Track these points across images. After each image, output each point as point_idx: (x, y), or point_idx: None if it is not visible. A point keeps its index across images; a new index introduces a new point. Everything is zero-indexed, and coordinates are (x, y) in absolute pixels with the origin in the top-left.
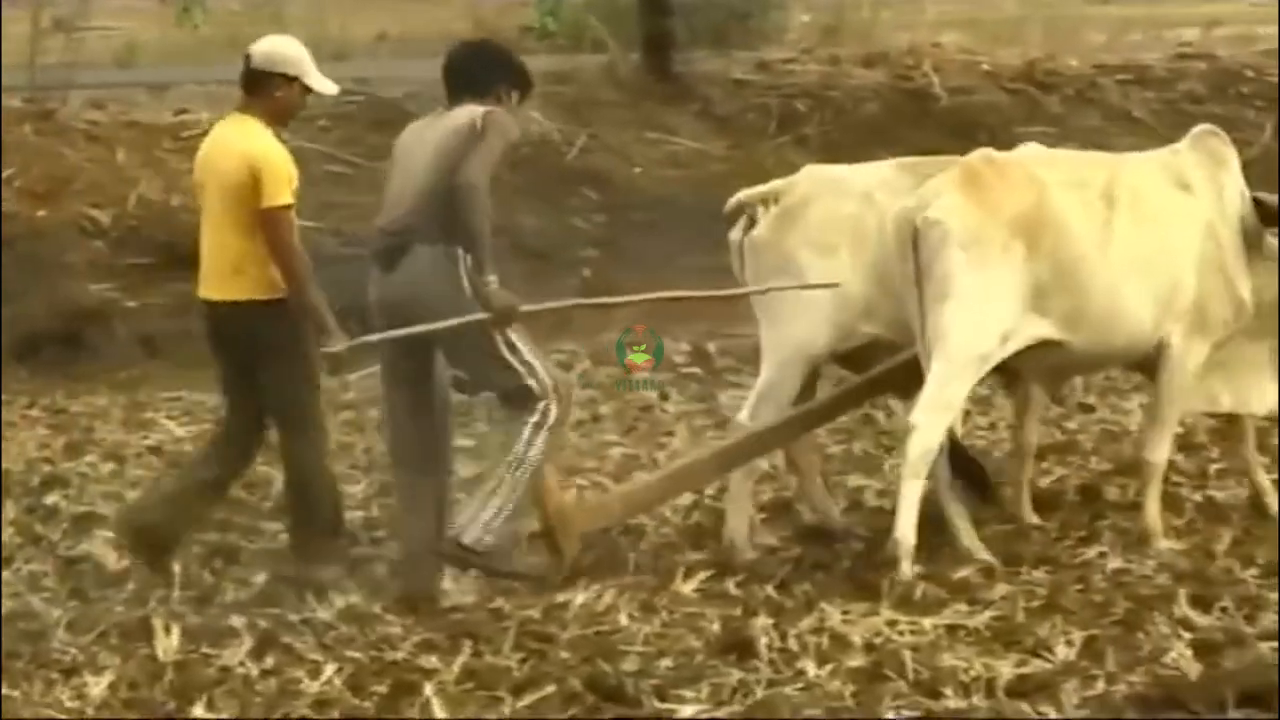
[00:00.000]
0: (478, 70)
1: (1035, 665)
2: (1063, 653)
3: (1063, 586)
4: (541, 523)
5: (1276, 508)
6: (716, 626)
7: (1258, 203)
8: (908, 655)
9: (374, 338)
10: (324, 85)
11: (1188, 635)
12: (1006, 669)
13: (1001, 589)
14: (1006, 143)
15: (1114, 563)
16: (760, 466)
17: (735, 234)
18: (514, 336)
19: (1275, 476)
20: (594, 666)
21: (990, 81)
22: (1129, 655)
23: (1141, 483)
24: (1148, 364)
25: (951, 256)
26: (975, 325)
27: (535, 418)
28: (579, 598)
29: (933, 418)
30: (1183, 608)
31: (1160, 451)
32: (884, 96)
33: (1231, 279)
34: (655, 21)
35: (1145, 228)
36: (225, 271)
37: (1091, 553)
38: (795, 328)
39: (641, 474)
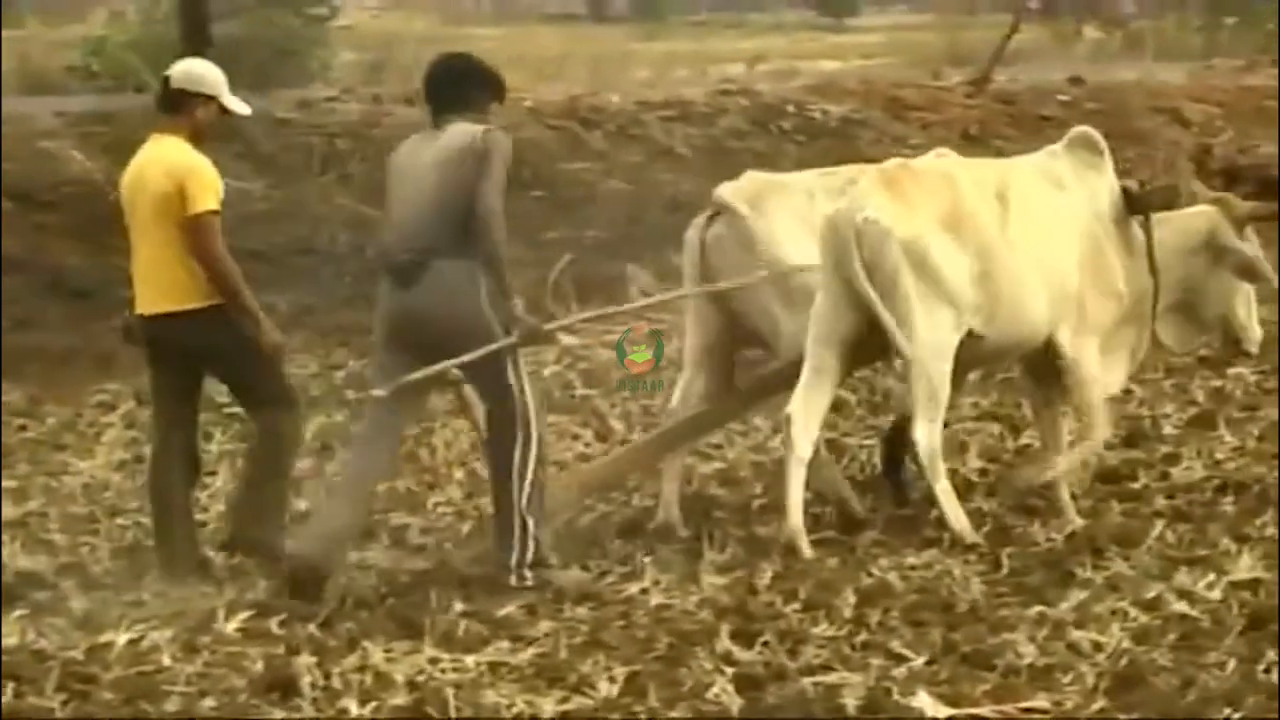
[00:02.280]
0: (464, 84)
1: (578, 702)
2: (605, 689)
3: (605, 623)
4: None
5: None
6: (259, 665)
7: (1126, 192)
8: (450, 693)
9: (416, 376)
10: (239, 106)
11: (730, 670)
12: (549, 706)
13: (545, 625)
14: (549, 179)
15: (656, 599)
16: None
17: (692, 233)
18: (520, 362)
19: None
20: (136, 707)
21: (533, 118)
22: (671, 691)
23: (1082, 464)
24: (1036, 363)
25: (893, 253)
26: (933, 318)
27: (520, 444)
28: (121, 638)
29: (929, 423)
30: (725, 642)
31: (1100, 433)
32: None
33: (1110, 274)
34: None
35: (1034, 227)
36: (161, 284)
37: (634, 589)
38: (795, 319)
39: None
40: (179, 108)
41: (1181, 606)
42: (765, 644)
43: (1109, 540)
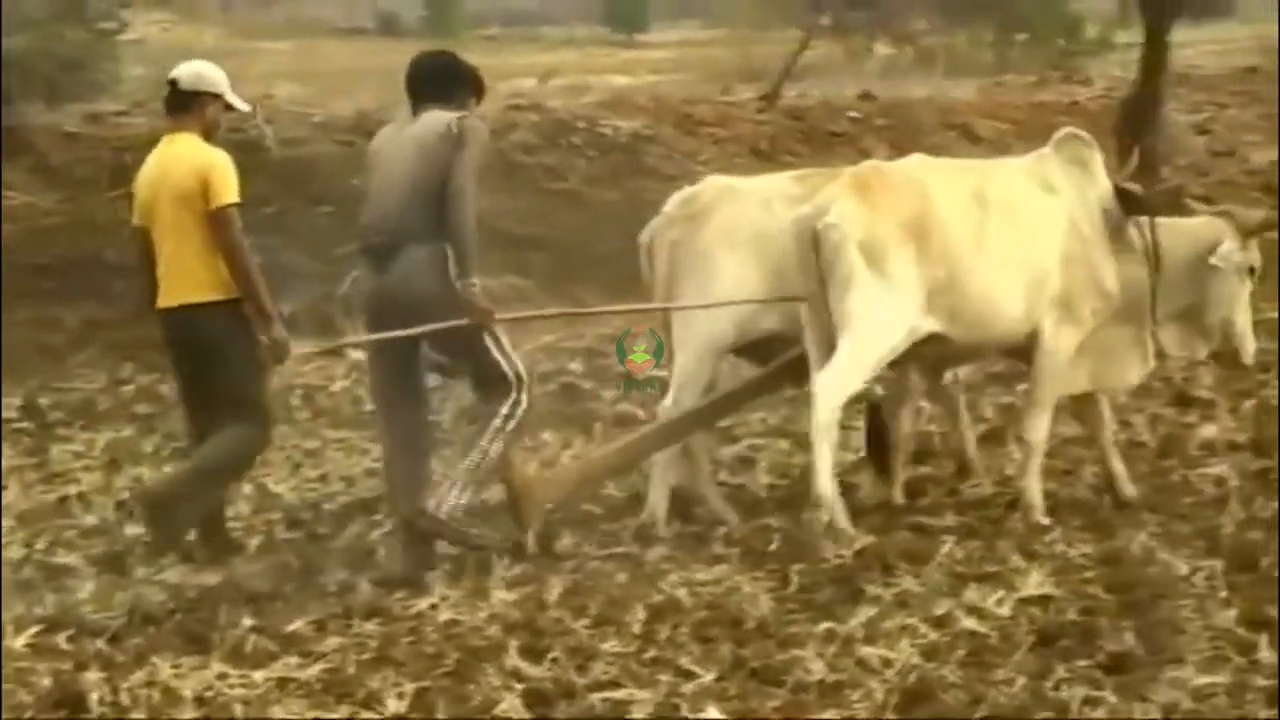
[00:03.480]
0: (444, 79)
1: (365, 718)
2: (394, 705)
3: (394, 638)
4: (507, 495)
5: (1129, 492)
6: (48, 681)
7: (1127, 194)
8: (239, 708)
9: (369, 338)
10: (240, 103)
11: (519, 686)
12: None
13: (333, 641)
14: (339, 194)
15: (445, 614)
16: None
17: (644, 236)
18: (498, 329)
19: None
20: None
21: (322, 133)
22: (460, 707)
23: (1021, 460)
24: (1023, 352)
25: (851, 257)
26: (878, 320)
27: (507, 405)
28: None
29: (833, 390)
30: (513, 658)
31: (1038, 432)
32: None
33: (1097, 271)
34: None
35: (1014, 227)
36: (182, 277)
37: (423, 604)
38: (706, 323)
39: (593, 449)
40: (189, 108)
41: (971, 623)
42: (554, 660)
43: (898, 557)
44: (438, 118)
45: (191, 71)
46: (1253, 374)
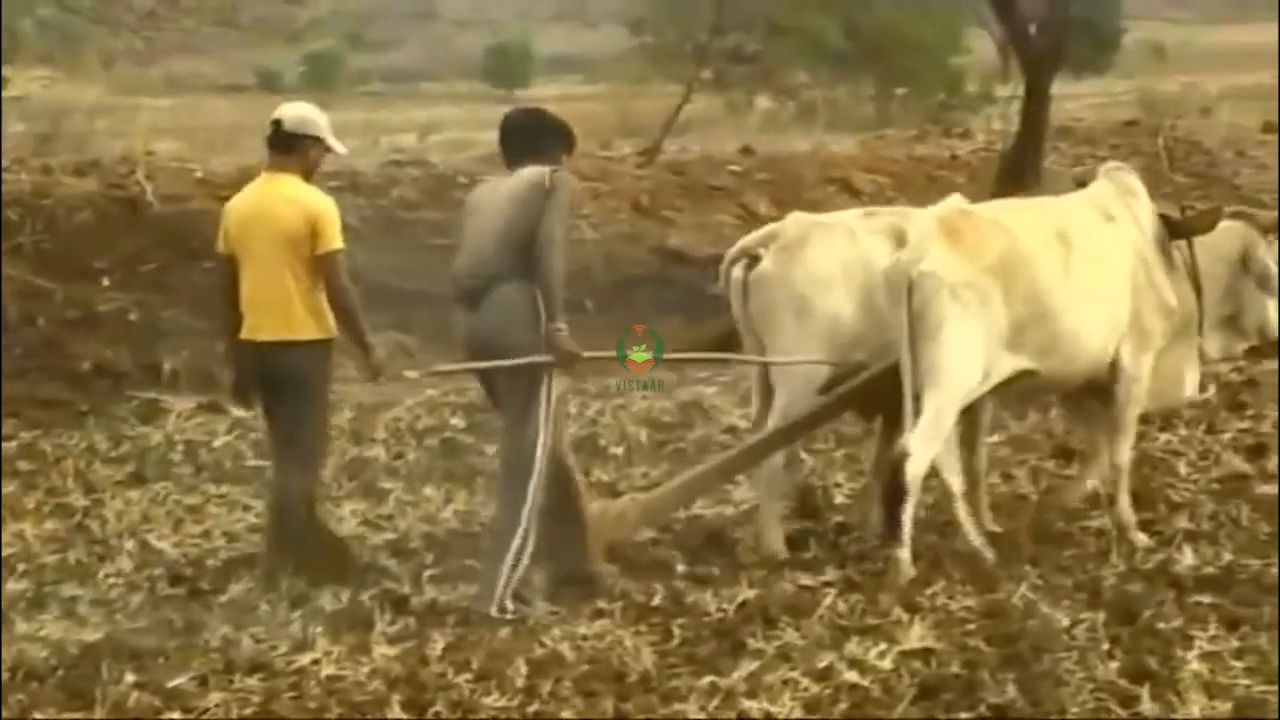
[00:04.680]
0: (538, 136)
1: None
2: None
3: (277, 693)
4: None
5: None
6: None
7: (1166, 219)
8: None
9: (444, 369)
10: (340, 147)
11: None
12: None
13: (216, 696)
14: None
15: (328, 669)
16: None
17: (737, 272)
18: (553, 394)
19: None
20: None
21: (203, 189)
22: None
23: (1112, 484)
24: (1099, 383)
25: (944, 303)
26: (964, 364)
27: (529, 496)
28: None
29: (925, 445)
30: (396, 712)
31: (1125, 455)
32: (96, 205)
33: (1161, 292)
34: None
35: (1093, 261)
36: (275, 314)
37: (305, 659)
38: (808, 371)
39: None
40: (291, 149)
41: (853, 676)
42: (436, 715)
43: (781, 610)
44: (532, 170)
45: (296, 114)
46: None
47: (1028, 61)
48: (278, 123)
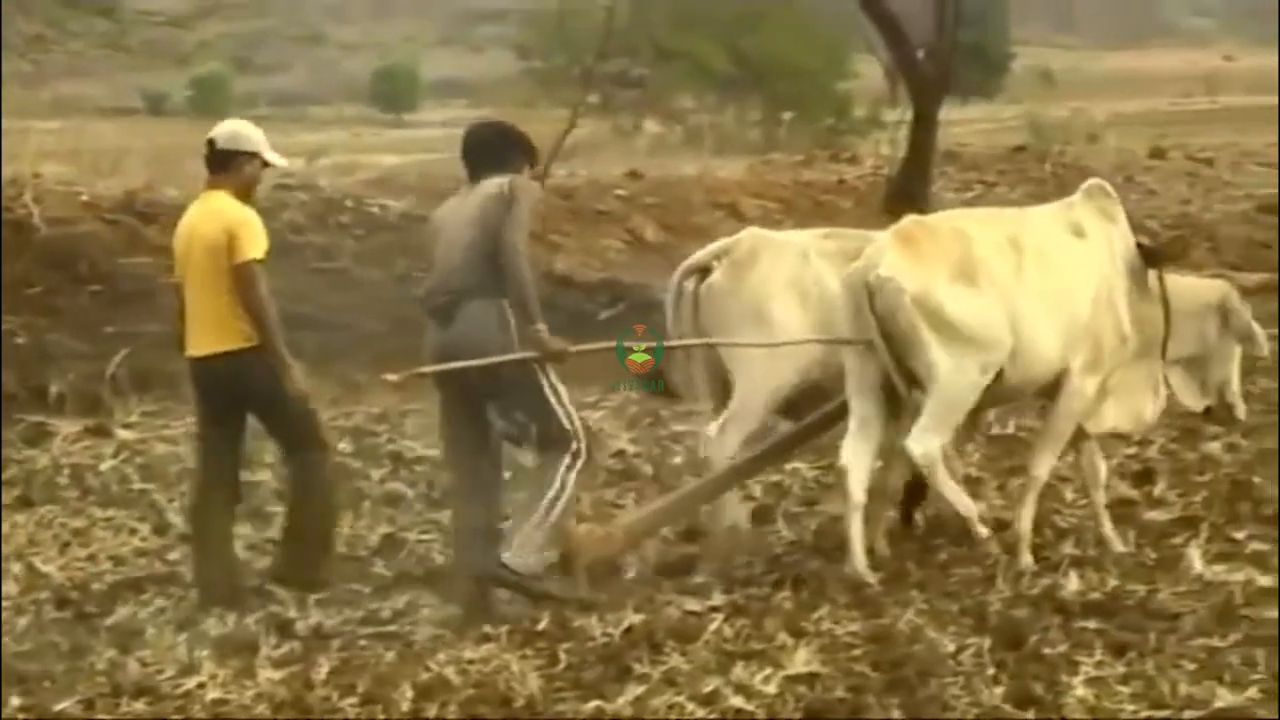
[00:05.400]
0: (499, 148)
1: None
2: None
3: (162, 716)
4: (560, 550)
5: (1118, 547)
6: None
7: (1141, 247)
8: None
9: (426, 369)
10: (279, 160)
11: None
12: None
13: None
14: (107, 273)
15: (213, 693)
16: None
17: (689, 285)
18: (557, 383)
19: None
20: None
21: (90, 212)
22: None
23: (1020, 493)
24: (1048, 392)
25: (905, 306)
26: (956, 361)
27: (568, 459)
28: None
29: (926, 435)
30: None
31: (1043, 467)
32: None
33: (1119, 315)
34: None
35: (1049, 269)
36: (212, 327)
37: (191, 683)
38: (769, 375)
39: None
40: (225, 166)
41: (738, 701)
42: None
43: (667, 635)
44: (492, 182)
45: (227, 131)
46: (1019, 451)
47: (915, 86)
48: (211, 141)
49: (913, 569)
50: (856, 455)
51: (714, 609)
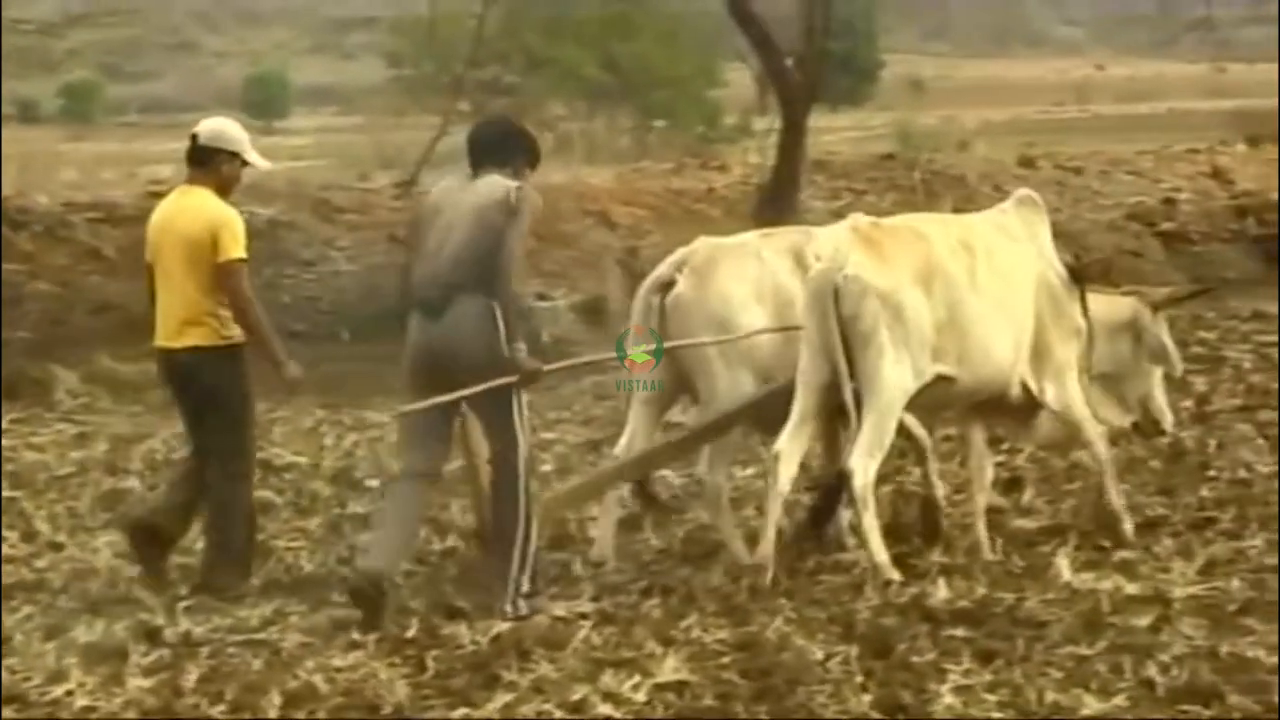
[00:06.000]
0: (504, 145)
1: None
2: None
3: None
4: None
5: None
6: None
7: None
8: None
9: (422, 405)
10: (260, 161)
11: None
12: None
13: None
14: None
15: (81, 700)
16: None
17: (654, 299)
18: (524, 402)
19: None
20: None
21: None
22: None
23: (1101, 478)
24: (1007, 407)
25: (872, 307)
26: (899, 366)
27: (523, 484)
28: None
29: (868, 460)
30: None
31: (1103, 448)
32: None
33: (1068, 314)
34: None
35: (997, 274)
36: (184, 321)
37: (59, 690)
38: (732, 386)
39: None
40: (205, 163)
41: (606, 709)
42: None
43: (535, 642)
44: (496, 182)
45: (211, 128)
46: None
47: (784, 95)
48: (194, 137)
49: (781, 577)
50: (791, 446)
51: (582, 616)
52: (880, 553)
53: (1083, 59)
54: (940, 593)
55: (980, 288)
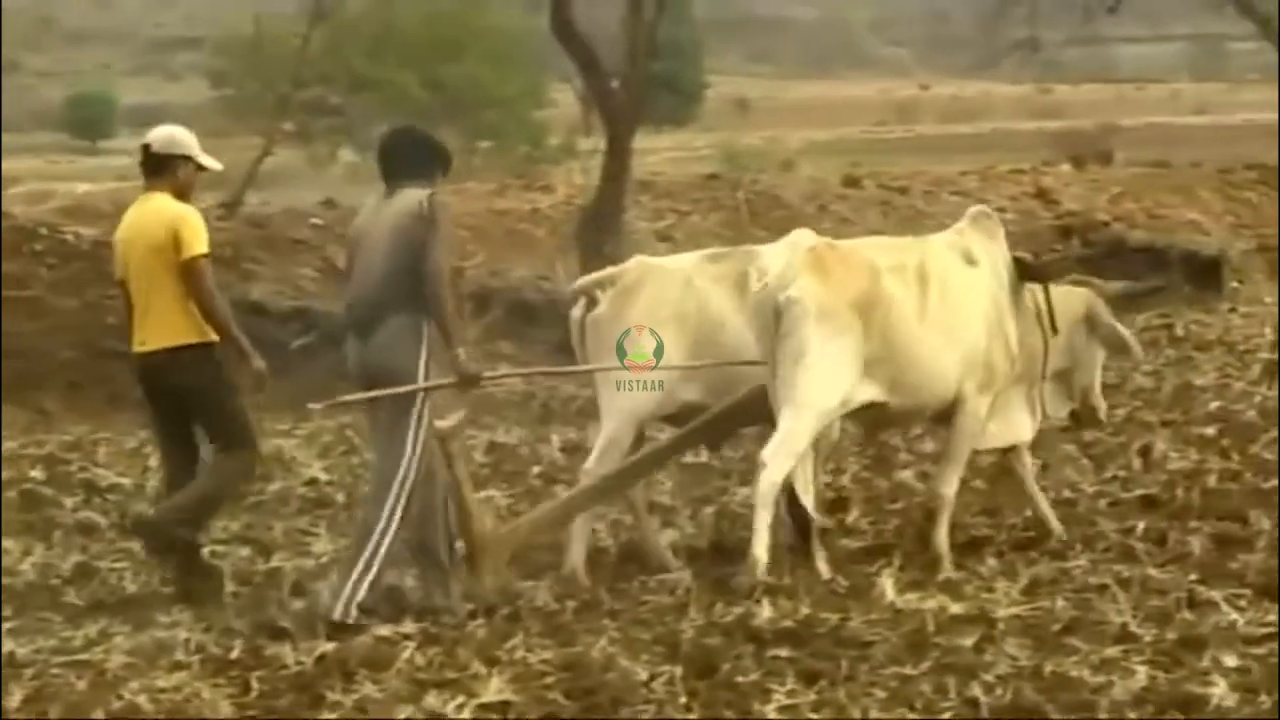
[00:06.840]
0: (415, 155)
1: None
2: None
3: None
4: (466, 549)
5: (1058, 529)
6: None
7: (1017, 261)
8: None
9: (348, 399)
10: (212, 163)
11: None
12: None
13: None
14: None
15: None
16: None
17: (576, 312)
18: (426, 412)
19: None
20: None
21: None
22: None
23: (932, 513)
24: (943, 415)
25: (807, 329)
26: (822, 388)
27: (395, 490)
28: None
29: (779, 459)
30: None
31: (950, 486)
32: None
33: (1007, 336)
34: None
35: (950, 303)
36: (155, 324)
37: None
38: (628, 397)
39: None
40: (161, 170)
41: None
42: None
43: (359, 663)
44: (410, 196)
45: (163, 135)
46: (714, 478)
47: (609, 115)
48: (146, 146)
49: (605, 597)
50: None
51: (406, 637)
52: (761, 549)
53: (907, 79)
54: (765, 612)
55: (929, 317)
